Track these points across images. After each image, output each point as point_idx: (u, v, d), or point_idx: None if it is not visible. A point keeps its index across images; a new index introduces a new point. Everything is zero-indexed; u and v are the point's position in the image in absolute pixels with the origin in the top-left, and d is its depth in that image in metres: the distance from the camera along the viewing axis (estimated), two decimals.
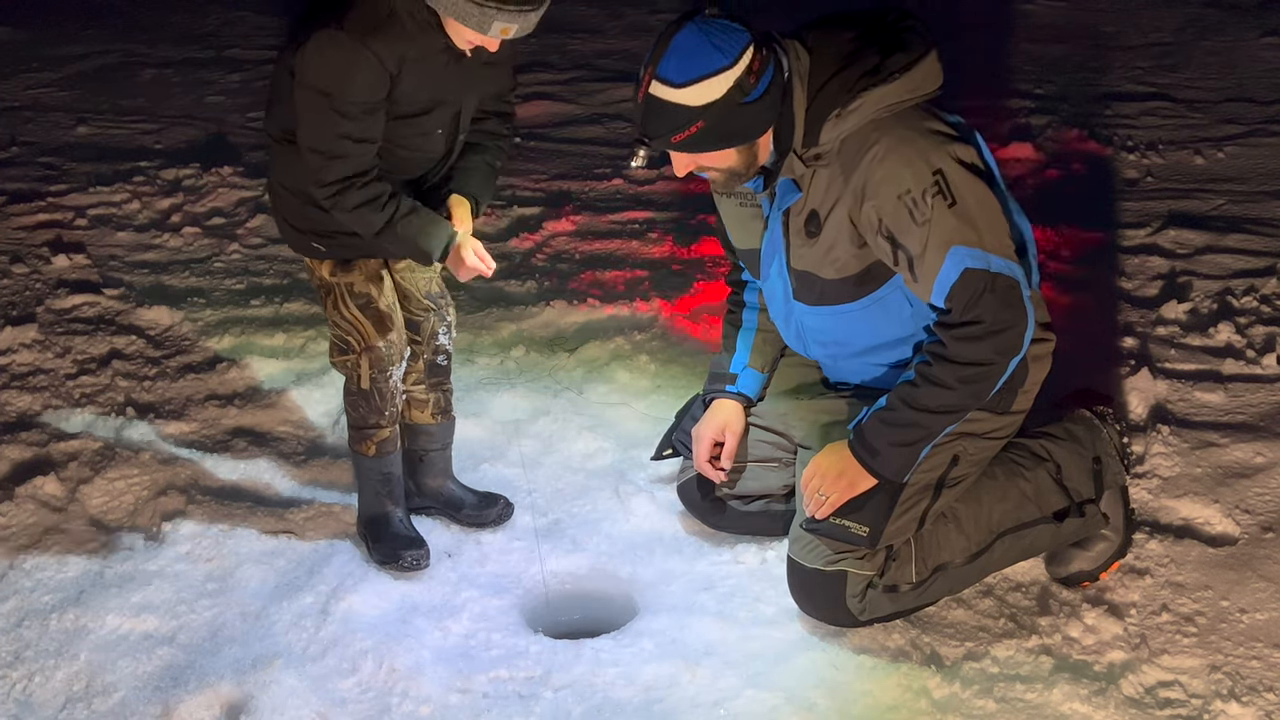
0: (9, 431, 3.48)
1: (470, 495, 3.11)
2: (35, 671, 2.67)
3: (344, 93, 2.51)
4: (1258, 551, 2.88)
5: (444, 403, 3.05)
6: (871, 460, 2.56)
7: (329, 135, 2.54)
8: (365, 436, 2.92)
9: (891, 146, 2.42)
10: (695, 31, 2.38)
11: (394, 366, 2.85)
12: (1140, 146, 5.13)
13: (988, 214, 2.44)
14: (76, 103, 6.16)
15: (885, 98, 2.44)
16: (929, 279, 2.44)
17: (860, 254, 2.54)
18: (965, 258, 2.40)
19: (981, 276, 2.40)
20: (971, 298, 2.41)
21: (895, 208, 2.42)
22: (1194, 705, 2.51)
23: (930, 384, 2.48)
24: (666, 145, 2.45)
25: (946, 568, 2.68)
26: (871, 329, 2.67)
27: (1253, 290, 3.94)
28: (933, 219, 2.40)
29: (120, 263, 4.50)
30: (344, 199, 2.59)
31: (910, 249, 2.44)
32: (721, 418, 2.89)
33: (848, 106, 2.44)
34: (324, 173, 2.58)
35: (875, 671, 2.60)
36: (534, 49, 6.53)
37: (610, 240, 4.57)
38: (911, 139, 2.43)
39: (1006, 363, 2.48)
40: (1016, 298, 2.43)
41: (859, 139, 2.45)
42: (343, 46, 2.49)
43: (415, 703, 2.57)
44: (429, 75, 2.58)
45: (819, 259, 2.59)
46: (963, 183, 2.42)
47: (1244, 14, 6.66)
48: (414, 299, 2.92)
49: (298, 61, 2.53)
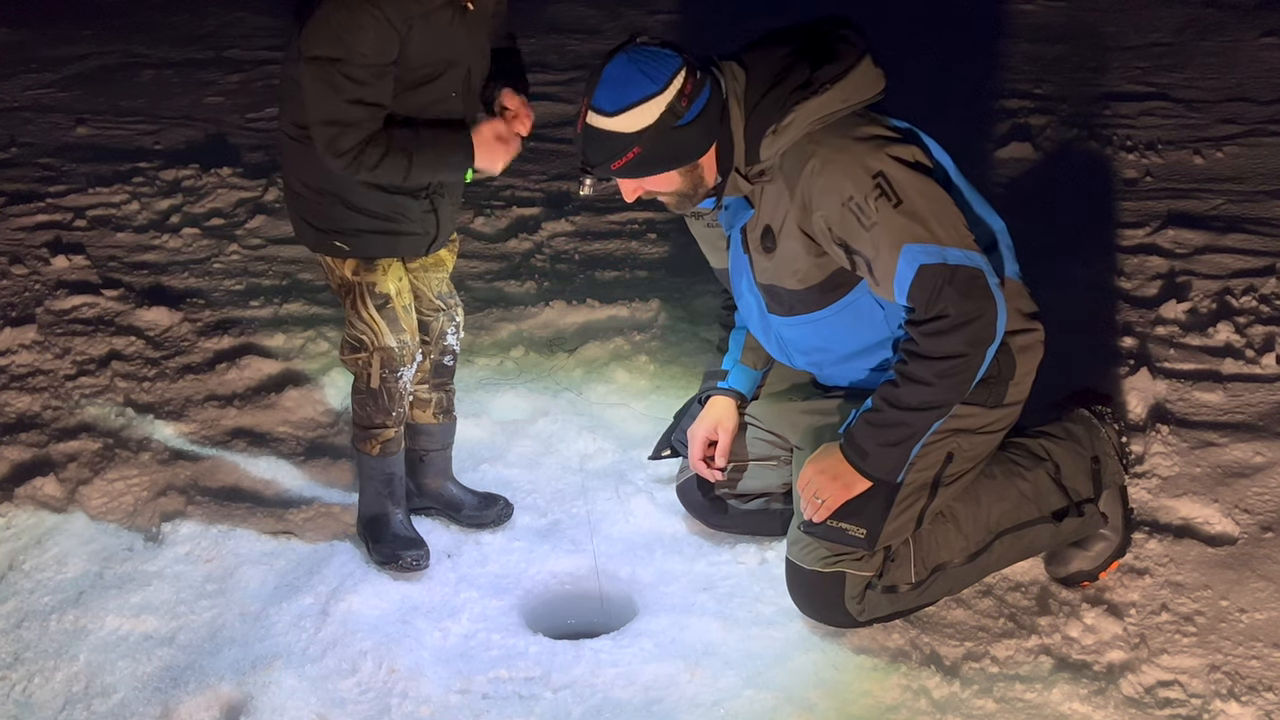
0: (9, 432, 3.48)
1: (470, 496, 3.11)
2: (35, 672, 2.67)
3: (352, 56, 2.47)
4: (1257, 551, 2.88)
5: (446, 403, 3.05)
6: (862, 462, 2.56)
7: (339, 103, 2.50)
8: (370, 436, 2.91)
9: (827, 158, 2.45)
10: (625, 61, 2.45)
11: (405, 367, 2.85)
12: (1139, 146, 5.13)
13: (936, 208, 2.44)
14: (76, 103, 6.16)
15: (818, 109, 2.46)
16: (888, 280, 2.45)
17: (820, 263, 2.56)
18: (919, 254, 2.41)
19: (938, 271, 2.41)
20: (932, 293, 2.42)
21: (842, 215, 2.44)
22: (1193, 705, 2.51)
23: (909, 381, 2.49)
24: (607, 173, 2.51)
25: (945, 568, 2.68)
26: (848, 334, 2.67)
27: (1252, 290, 3.94)
28: (880, 221, 2.41)
29: (120, 263, 4.50)
30: (363, 160, 2.54)
31: (864, 253, 2.46)
32: (714, 416, 2.91)
33: (782, 121, 2.47)
34: (338, 142, 2.53)
35: (875, 671, 2.60)
36: (533, 49, 6.54)
37: (610, 240, 4.57)
38: (846, 147, 2.45)
39: (982, 353, 2.48)
40: (979, 287, 2.43)
41: (797, 152, 2.48)
42: (348, 9, 2.46)
43: (415, 703, 2.57)
44: (437, 33, 2.56)
45: (781, 271, 2.61)
46: (906, 181, 2.43)
47: (1243, 14, 6.67)
48: (425, 299, 2.92)
49: (303, 36, 2.50)
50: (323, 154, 2.56)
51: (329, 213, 2.72)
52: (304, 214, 2.77)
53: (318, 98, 2.53)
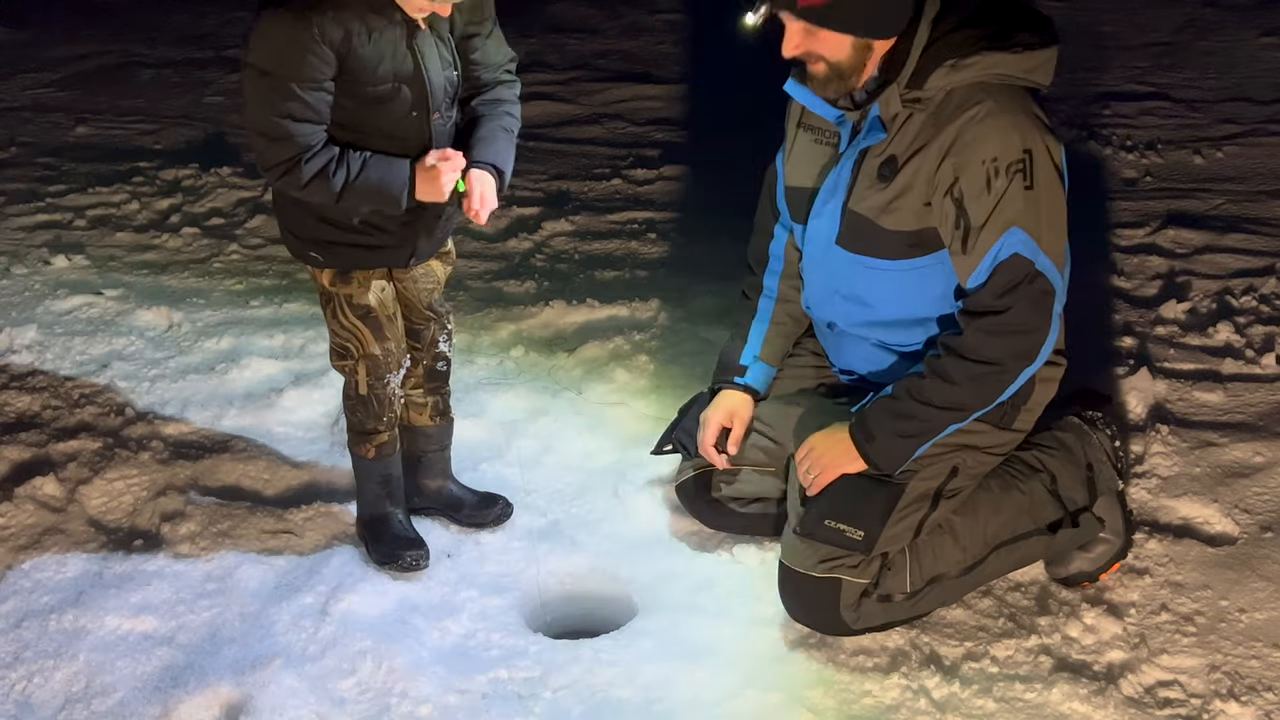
0: (9, 431, 3.48)
1: (470, 496, 3.11)
2: (35, 672, 2.67)
3: (282, 71, 2.45)
4: (1257, 551, 2.88)
5: (442, 405, 3.05)
6: (867, 445, 2.55)
7: (269, 115, 2.47)
8: (365, 440, 2.92)
9: (992, 111, 2.42)
10: None
11: (391, 374, 2.85)
12: (1139, 146, 5.13)
13: (1054, 213, 2.44)
14: (75, 103, 6.17)
15: (1002, 64, 2.44)
16: (978, 253, 2.43)
17: (922, 212, 2.52)
18: (1019, 243, 2.40)
19: (1026, 266, 2.40)
20: (1009, 284, 2.41)
21: (976, 171, 2.41)
22: (1193, 705, 2.51)
23: (938, 378, 2.48)
24: (792, 7, 2.39)
25: (941, 579, 2.67)
26: (899, 296, 2.62)
27: (1252, 290, 3.94)
28: (1007, 193, 2.40)
29: (119, 263, 4.50)
30: (293, 178, 2.52)
31: (973, 217, 2.43)
32: (730, 405, 2.88)
33: (964, 60, 2.43)
34: (267, 155, 2.51)
35: (875, 671, 2.60)
36: (532, 48, 6.54)
37: (610, 240, 4.57)
38: (1014, 111, 2.43)
39: (1019, 369, 2.47)
40: (1048, 305, 2.43)
41: (963, 95, 2.44)
42: (282, 23, 2.44)
43: (414, 703, 2.57)
44: (383, 51, 2.52)
45: (881, 206, 2.55)
46: (1045, 172, 2.43)
47: (1243, 14, 6.67)
48: (416, 309, 2.90)
49: (247, 41, 2.48)
50: (258, 166, 2.57)
51: (303, 222, 2.70)
52: (285, 222, 2.77)
53: (249, 106, 2.52)
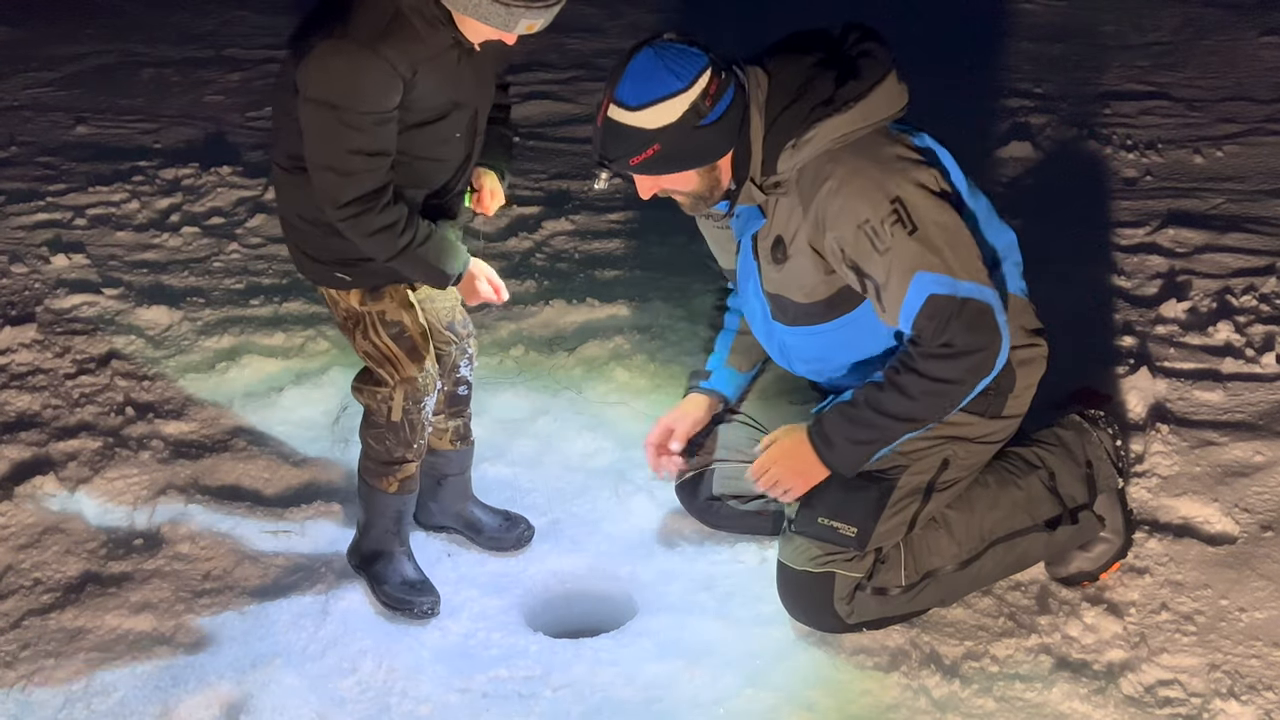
0: (9, 431, 3.48)
1: (490, 519, 3.02)
2: (34, 671, 2.67)
3: (352, 105, 2.35)
4: (1257, 550, 2.88)
5: (463, 430, 2.97)
6: (826, 451, 2.56)
7: (339, 151, 2.38)
8: (389, 471, 2.77)
9: (845, 179, 2.43)
10: (651, 56, 2.41)
11: (429, 396, 2.72)
12: (1139, 145, 5.13)
13: (952, 238, 2.43)
14: (75, 102, 6.16)
15: (839, 127, 2.44)
16: (895, 306, 2.44)
17: (828, 280, 2.55)
18: (930, 284, 2.39)
19: (947, 303, 2.39)
20: (939, 324, 2.40)
21: (856, 237, 2.42)
22: (1193, 704, 2.51)
23: (895, 390, 2.48)
24: (625, 168, 2.47)
25: (937, 573, 2.67)
26: (851, 346, 2.66)
27: (1252, 289, 3.94)
28: (894, 247, 2.40)
29: (119, 262, 4.50)
30: (361, 223, 2.44)
31: (875, 277, 2.45)
32: (685, 407, 2.91)
33: (803, 137, 2.44)
34: (338, 192, 2.42)
35: (875, 671, 2.60)
36: (532, 48, 6.53)
37: (610, 240, 4.57)
38: (865, 169, 2.43)
39: (975, 383, 2.47)
40: (987, 322, 2.42)
41: (814, 170, 2.46)
42: (348, 54, 2.33)
43: (414, 702, 2.57)
44: (443, 76, 2.45)
45: (788, 284, 2.60)
46: (924, 208, 2.42)
47: (1243, 13, 6.67)
48: (435, 331, 2.79)
49: (300, 76, 2.38)
50: (322, 202, 2.47)
51: (326, 243, 2.58)
52: (302, 246, 2.64)
53: (317, 142, 2.42)
